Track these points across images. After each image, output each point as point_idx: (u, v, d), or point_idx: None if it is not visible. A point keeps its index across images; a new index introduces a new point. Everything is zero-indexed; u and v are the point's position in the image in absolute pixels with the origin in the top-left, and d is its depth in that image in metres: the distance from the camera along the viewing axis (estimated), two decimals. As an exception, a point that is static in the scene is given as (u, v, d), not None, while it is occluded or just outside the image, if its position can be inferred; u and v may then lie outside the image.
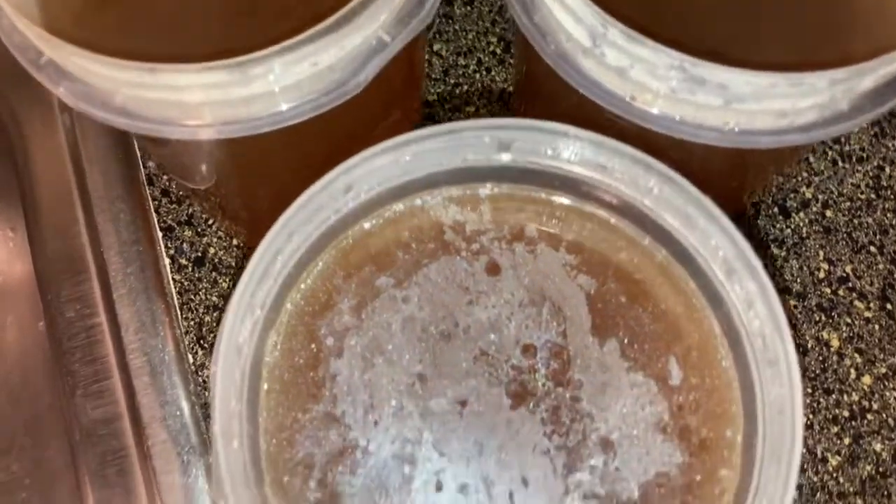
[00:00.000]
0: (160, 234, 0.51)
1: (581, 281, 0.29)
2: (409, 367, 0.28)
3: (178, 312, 0.49)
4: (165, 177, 0.51)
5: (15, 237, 0.55)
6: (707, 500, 0.26)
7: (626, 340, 0.28)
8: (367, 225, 0.29)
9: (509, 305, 0.28)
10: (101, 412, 0.48)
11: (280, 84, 0.29)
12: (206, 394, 0.47)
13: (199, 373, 0.47)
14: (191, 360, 0.47)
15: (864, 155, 0.49)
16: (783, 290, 0.45)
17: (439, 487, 0.26)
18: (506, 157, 0.28)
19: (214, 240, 0.49)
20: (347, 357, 0.28)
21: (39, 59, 0.30)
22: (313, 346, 0.28)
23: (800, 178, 0.48)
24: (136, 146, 0.53)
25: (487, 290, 0.29)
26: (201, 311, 0.48)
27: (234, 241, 0.49)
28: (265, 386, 0.27)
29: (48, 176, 0.54)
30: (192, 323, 0.48)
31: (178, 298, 0.49)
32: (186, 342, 0.48)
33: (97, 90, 0.30)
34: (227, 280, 0.48)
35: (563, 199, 0.29)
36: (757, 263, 0.25)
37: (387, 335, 0.28)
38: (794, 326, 0.44)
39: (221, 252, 0.49)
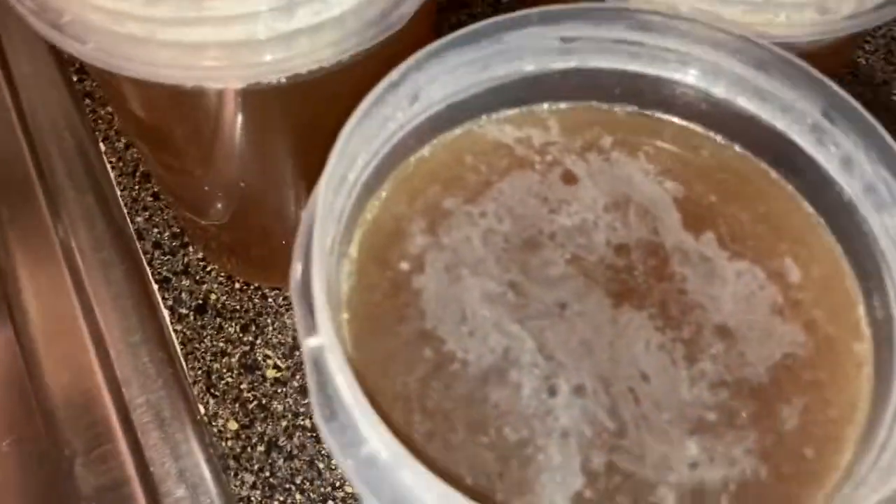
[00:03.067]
0: (155, 287, 0.48)
1: (665, 185, 0.27)
2: (499, 277, 0.25)
3: (184, 362, 0.45)
4: (156, 229, 0.49)
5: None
6: (842, 375, 0.24)
7: (724, 234, 0.26)
8: (426, 152, 0.28)
9: (592, 210, 0.27)
10: (107, 479, 0.43)
11: (323, 15, 0.28)
12: (223, 444, 0.43)
13: (213, 422, 0.43)
14: (202, 411, 0.43)
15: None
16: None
17: (553, 392, 0.24)
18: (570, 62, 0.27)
19: (215, 286, 0.47)
20: (430, 272, 0.25)
21: (60, 19, 0.28)
22: (389, 273, 0.26)
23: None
24: (121, 203, 0.51)
25: (568, 199, 0.27)
26: (208, 358, 0.45)
27: (237, 285, 0.47)
28: (345, 315, 0.25)
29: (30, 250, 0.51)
30: (199, 372, 0.44)
31: (181, 349, 0.46)
32: (196, 392, 0.44)
33: (128, 42, 0.28)
34: (234, 324, 0.45)
35: (629, 108, 0.28)
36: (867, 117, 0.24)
37: (468, 248, 0.26)
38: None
39: (224, 297, 0.46)
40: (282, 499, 0.40)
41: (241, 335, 0.45)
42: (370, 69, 0.27)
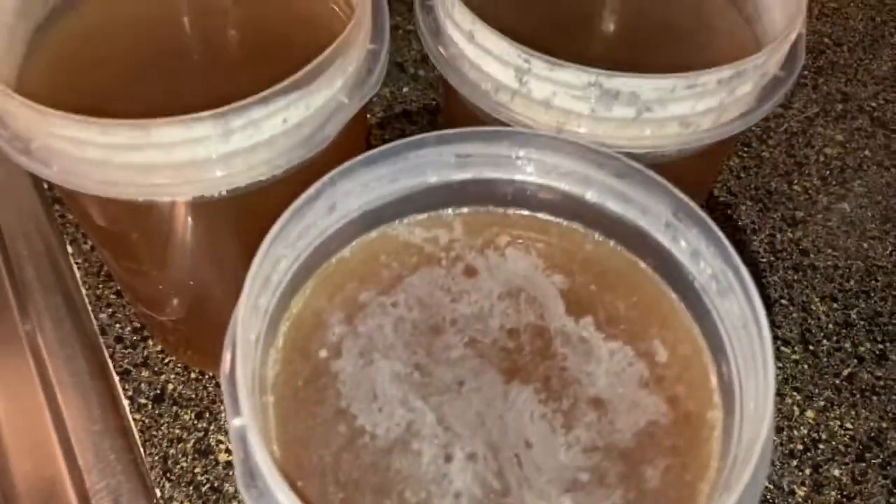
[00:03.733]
0: (117, 378, 0.51)
1: (552, 278, 0.32)
2: (406, 359, 0.30)
3: (142, 449, 0.48)
4: (118, 325, 0.53)
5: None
6: (697, 440, 0.28)
7: (601, 319, 0.31)
8: (346, 253, 0.32)
9: (489, 299, 0.31)
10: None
11: (256, 139, 0.33)
12: (176, 526, 0.45)
13: (168, 506, 0.46)
14: (158, 494, 0.46)
15: (756, 226, 0.56)
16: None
17: (448, 459, 0.28)
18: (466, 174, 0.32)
19: (172, 376, 0.50)
20: (346, 357, 0.30)
21: (29, 145, 0.33)
22: (310, 360, 0.30)
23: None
24: (86, 300, 0.54)
25: (469, 290, 0.31)
26: (165, 444, 0.48)
27: (193, 374, 0.50)
28: (271, 398, 0.29)
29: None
30: (156, 458, 0.48)
31: (140, 436, 0.49)
32: (153, 476, 0.47)
33: (87, 165, 0.32)
34: (189, 412, 0.49)
35: (521, 211, 0.33)
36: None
37: (380, 335, 0.30)
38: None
39: (181, 386, 0.50)
40: (231, 575, 0.43)
41: (195, 422, 0.48)
42: (303, 180, 0.31)
